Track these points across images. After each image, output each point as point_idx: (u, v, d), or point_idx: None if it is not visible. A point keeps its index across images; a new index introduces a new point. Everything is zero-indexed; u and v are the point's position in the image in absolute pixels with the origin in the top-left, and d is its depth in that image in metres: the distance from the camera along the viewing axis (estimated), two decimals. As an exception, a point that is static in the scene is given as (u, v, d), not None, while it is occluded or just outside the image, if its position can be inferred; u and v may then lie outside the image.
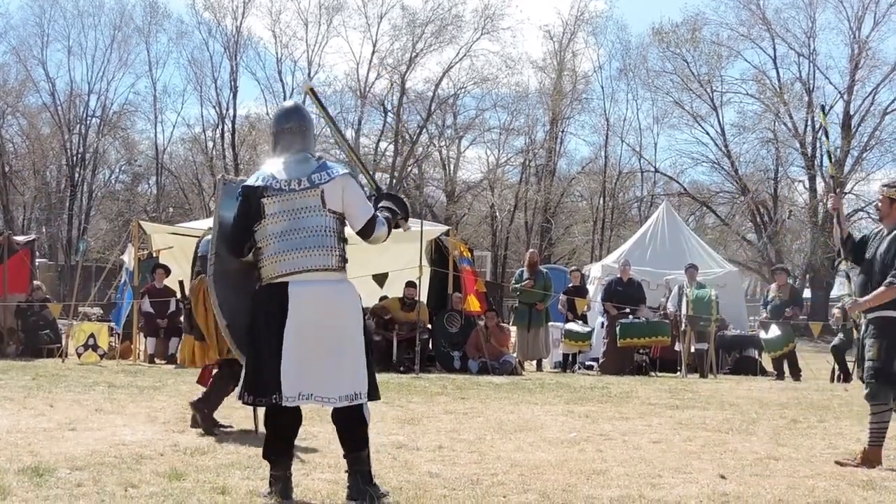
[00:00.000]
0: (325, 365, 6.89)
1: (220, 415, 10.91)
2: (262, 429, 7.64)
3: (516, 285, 22.43)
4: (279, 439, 7.17)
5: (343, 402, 6.94)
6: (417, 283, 20.47)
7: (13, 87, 59.68)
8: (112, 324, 22.57)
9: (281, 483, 7.07)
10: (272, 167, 7.20)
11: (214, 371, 11.16)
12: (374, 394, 7.13)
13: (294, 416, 7.18)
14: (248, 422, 10.80)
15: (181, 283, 13.93)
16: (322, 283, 6.95)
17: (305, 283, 6.90)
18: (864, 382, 9.42)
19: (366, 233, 7.22)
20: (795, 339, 21.91)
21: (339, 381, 6.94)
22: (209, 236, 9.50)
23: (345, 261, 7.09)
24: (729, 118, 58.46)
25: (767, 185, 56.32)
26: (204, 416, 10.58)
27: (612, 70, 63.53)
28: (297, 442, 9.40)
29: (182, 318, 16.20)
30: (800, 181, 56.98)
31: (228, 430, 10.63)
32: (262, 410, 7.71)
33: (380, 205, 7.52)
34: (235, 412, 11.33)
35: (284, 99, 60.47)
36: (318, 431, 10.19)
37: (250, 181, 7.17)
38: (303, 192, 7.00)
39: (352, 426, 7.11)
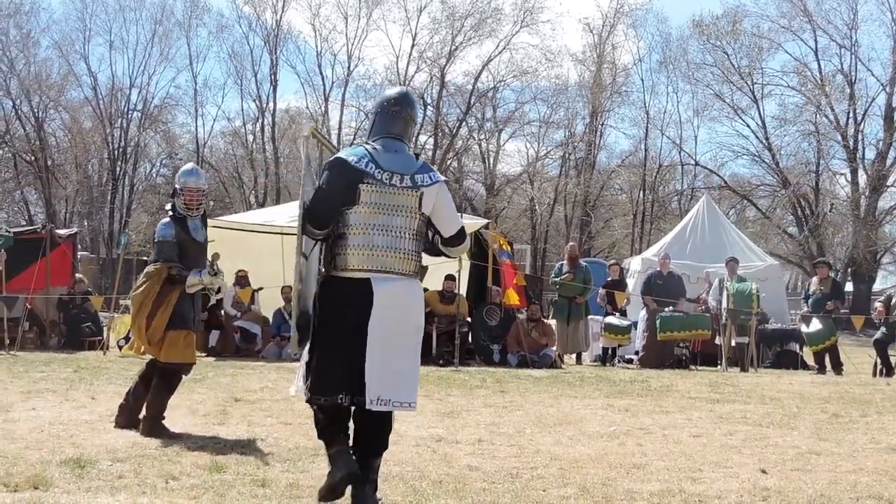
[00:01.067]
0: (404, 368, 6.70)
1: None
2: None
3: (556, 279, 22.40)
4: (334, 423, 6.81)
5: (408, 409, 6.73)
6: (457, 277, 20.47)
7: (56, 82, 60.02)
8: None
9: (343, 456, 6.69)
10: (373, 150, 6.85)
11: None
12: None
13: (343, 416, 6.84)
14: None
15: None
16: (401, 280, 6.73)
17: (388, 279, 6.65)
18: None
19: (454, 241, 7.13)
20: (837, 332, 21.75)
21: (413, 385, 6.77)
22: (164, 219, 10.10)
23: (419, 268, 6.92)
24: (770, 111, 58.37)
25: (809, 177, 55.93)
26: (153, 428, 9.71)
27: (652, 62, 63.43)
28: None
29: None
30: (841, 174, 56.72)
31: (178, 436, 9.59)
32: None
33: None
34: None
35: (324, 93, 60.79)
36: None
37: (350, 159, 6.77)
38: (403, 190, 6.73)
39: (381, 428, 6.82)
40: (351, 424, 6.84)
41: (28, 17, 59.23)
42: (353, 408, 6.73)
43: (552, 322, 22.38)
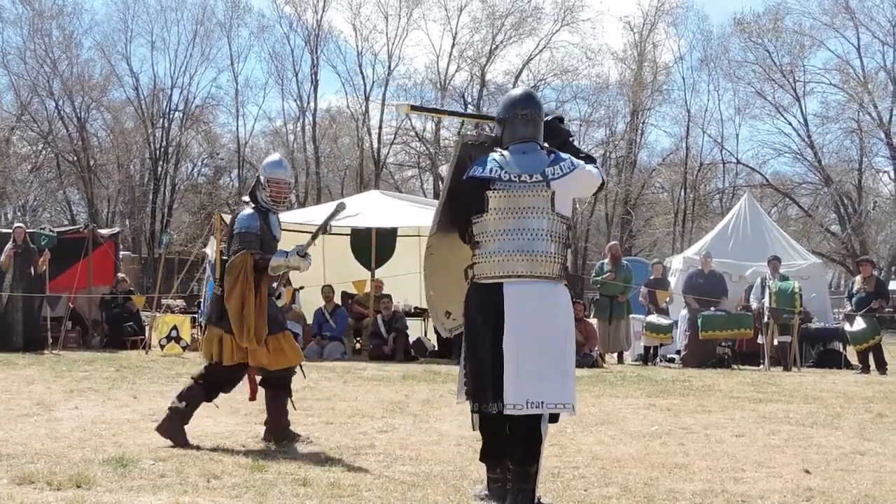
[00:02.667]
0: (551, 369, 6.58)
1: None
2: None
3: (597, 278, 22.34)
4: (494, 443, 6.88)
5: (563, 411, 6.67)
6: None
7: (98, 83, 60.27)
8: (196, 315, 22.75)
9: (499, 485, 6.83)
10: (500, 156, 6.81)
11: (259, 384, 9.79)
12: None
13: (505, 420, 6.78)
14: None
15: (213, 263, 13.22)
16: (538, 283, 6.63)
17: (522, 283, 6.60)
18: None
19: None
20: (881, 331, 21.61)
21: (565, 387, 6.66)
22: (247, 210, 9.39)
23: (565, 269, 6.78)
24: (812, 108, 58.07)
25: (851, 175, 55.61)
26: (277, 437, 9.36)
27: (693, 61, 63.10)
28: (375, 434, 9.47)
29: (208, 307, 16.15)
30: (885, 171, 56.39)
31: (306, 441, 9.40)
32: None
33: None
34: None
35: (365, 92, 60.81)
36: (398, 423, 10.21)
37: (476, 170, 6.78)
38: (533, 188, 6.65)
39: (528, 437, 6.68)
40: None
41: (70, 18, 59.61)
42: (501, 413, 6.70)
43: (594, 321, 22.34)
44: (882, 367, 20.62)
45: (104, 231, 26.57)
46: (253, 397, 9.76)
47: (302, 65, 61.88)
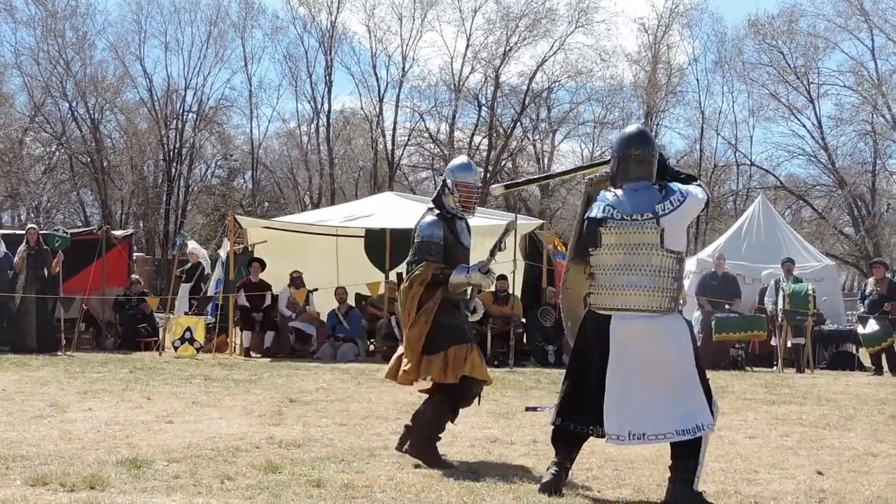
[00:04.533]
0: (656, 400, 6.83)
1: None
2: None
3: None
4: (564, 444, 7.34)
5: (684, 437, 6.82)
6: (511, 277, 20.45)
7: (111, 84, 60.29)
8: (209, 318, 22.78)
9: (551, 468, 7.22)
10: (613, 196, 7.13)
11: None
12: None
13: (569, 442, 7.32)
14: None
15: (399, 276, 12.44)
16: (644, 317, 6.89)
17: (627, 318, 6.88)
18: None
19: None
20: (894, 333, 21.60)
21: (674, 415, 6.84)
22: (430, 217, 8.89)
23: (676, 301, 6.99)
24: (826, 110, 57.68)
25: (865, 177, 55.48)
26: (418, 449, 8.60)
27: (707, 62, 62.94)
28: (389, 435, 9.48)
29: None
30: (899, 174, 56.21)
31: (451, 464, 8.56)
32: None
33: None
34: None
35: (379, 93, 60.75)
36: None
37: (592, 211, 7.16)
38: (643, 225, 6.91)
39: (686, 452, 6.93)
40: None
41: (84, 19, 59.54)
42: (589, 436, 7.22)
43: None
44: (895, 369, 20.60)
45: (118, 232, 26.62)
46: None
47: (316, 66, 61.82)
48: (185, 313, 23.14)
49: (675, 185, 7.06)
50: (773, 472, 8.35)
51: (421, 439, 8.58)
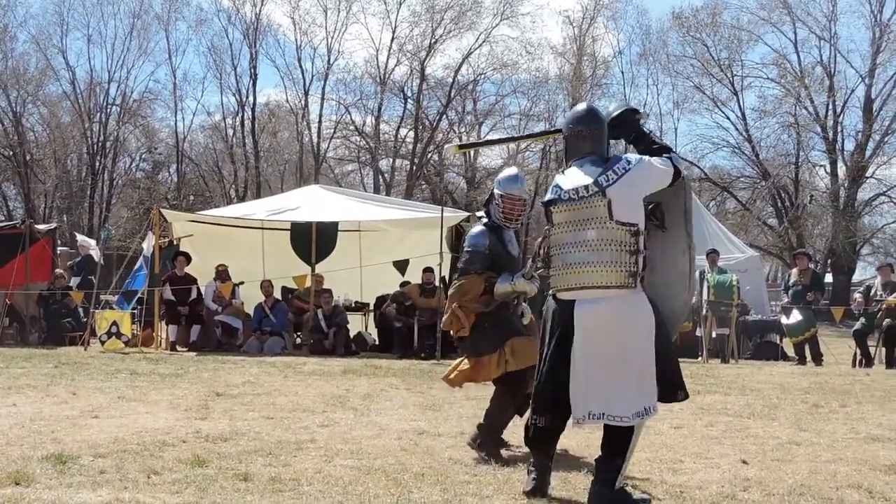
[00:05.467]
0: (613, 383, 6.70)
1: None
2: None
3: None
4: (542, 441, 7.14)
5: (635, 420, 6.74)
6: (437, 270, 20.46)
7: (33, 76, 59.73)
8: (134, 311, 22.63)
9: (533, 474, 7.07)
10: (561, 175, 7.07)
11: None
12: (669, 395, 6.91)
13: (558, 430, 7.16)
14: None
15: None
16: (606, 300, 6.71)
17: (590, 301, 6.71)
18: None
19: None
20: (817, 323, 21.87)
21: (627, 399, 6.73)
22: (478, 228, 9.04)
23: (635, 275, 6.73)
24: (749, 102, 58.22)
25: (788, 169, 56.01)
26: (484, 441, 8.74)
27: (632, 55, 63.50)
28: (316, 428, 9.47)
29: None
30: (821, 165, 56.69)
31: (512, 450, 8.92)
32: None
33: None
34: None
35: (304, 86, 60.61)
36: (339, 418, 10.21)
37: (546, 196, 7.07)
38: (590, 200, 6.77)
39: (618, 431, 6.84)
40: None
41: (5, 11, 58.92)
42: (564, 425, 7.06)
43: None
44: (818, 358, 20.85)
45: (41, 227, 26.36)
46: None
47: (241, 59, 61.62)
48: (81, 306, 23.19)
49: (625, 155, 6.97)
50: (698, 461, 8.42)
51: (483, 431, 8.74)
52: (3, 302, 22.87)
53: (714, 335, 21.51)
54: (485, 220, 9.14)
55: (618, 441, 6.83)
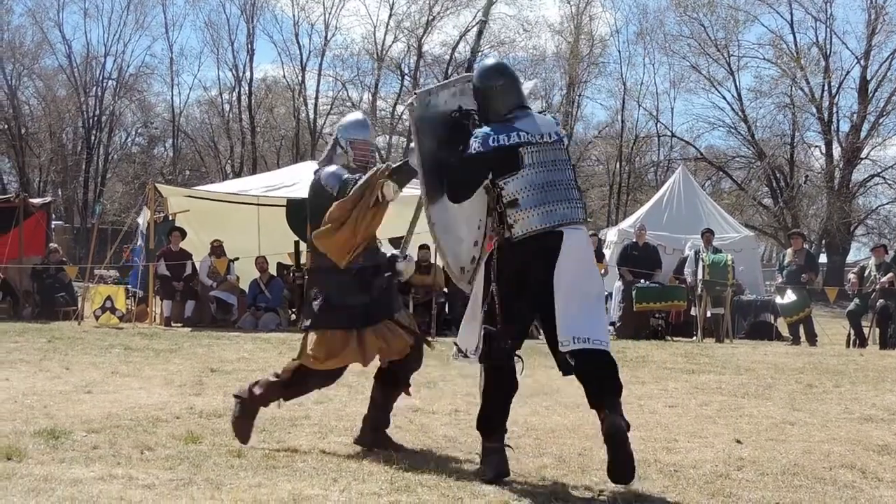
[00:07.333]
0: (592, 309, 6.89)
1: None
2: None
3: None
4: (499, 407, 7.13)
5: (605, 347, 6.82)
6: (433, 247, 20.42)
7: (29, 50, 59.68)
8: (128, 286, 22.62)
9: (496, 457, 6.93)
10: (516, 120, 7.01)
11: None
12: None
13: (514, 382, 7.23)
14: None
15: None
16: (581, 228, 7.04)
17: (575, 229, 6.88)
18: None
19: None
20: (811, 304, 21.90)
21: (602, 326, 6.96)
22: (330, 168, 8.45)
23: (586, 213, 7.17)
24: (746, 83, 58.17)
25: (784, 149, 56.02)
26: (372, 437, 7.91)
27: (629, 34, 63.46)
28: (311, 405, 9.45)
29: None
30: (816, 146, 56.75)
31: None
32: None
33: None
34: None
35: (301, 62, 60.49)
36: (333, 394, 10.19)
37: (507, 140, 6.85)
38: (558, 144, 7.06)
39: (609, 371, 6.94)
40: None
41: (1, -16, 58.92)
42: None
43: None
44: (812, 338, 20.88)
45: (36, 200, 26.36)
46: None
47: (238, 34, 61.52)
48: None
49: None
50: (692, 440, 8.42)
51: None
52: (-4, 276, 22.88)
53: (709, 315, 21.53)
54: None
55: (617, 383, 6.99)
